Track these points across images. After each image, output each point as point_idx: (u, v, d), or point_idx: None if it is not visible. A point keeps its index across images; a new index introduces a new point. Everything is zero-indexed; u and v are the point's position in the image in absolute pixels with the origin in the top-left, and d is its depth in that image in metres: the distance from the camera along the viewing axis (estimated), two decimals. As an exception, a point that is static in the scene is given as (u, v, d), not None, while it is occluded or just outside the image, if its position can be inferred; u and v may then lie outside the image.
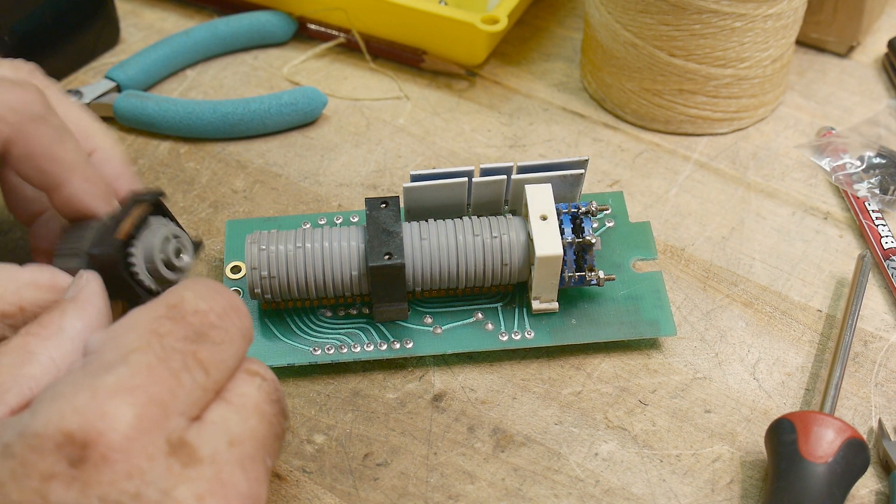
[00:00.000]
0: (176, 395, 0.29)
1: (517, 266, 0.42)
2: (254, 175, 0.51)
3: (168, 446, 0.28)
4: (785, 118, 0.54)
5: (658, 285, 0.44)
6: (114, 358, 0.29)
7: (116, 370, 0.28)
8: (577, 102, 0.55)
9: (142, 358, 0.29)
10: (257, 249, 0.41)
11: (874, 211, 0.48)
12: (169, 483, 0.27)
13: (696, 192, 0.50)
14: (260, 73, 0.57)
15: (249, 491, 0.29)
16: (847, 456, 0.36)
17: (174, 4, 0.61)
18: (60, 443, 0.27)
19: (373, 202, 0.42)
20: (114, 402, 0.27)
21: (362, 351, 0.42)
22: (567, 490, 0.38)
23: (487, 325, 0.43)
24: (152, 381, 0.28)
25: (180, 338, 0.30)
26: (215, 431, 0.29)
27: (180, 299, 0.31)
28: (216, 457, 0.29)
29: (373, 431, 0.40)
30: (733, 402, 0.41)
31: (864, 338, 0.43)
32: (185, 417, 0.29)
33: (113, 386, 0.28)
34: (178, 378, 0.29)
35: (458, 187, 0.42)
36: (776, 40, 0.50)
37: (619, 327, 0.42)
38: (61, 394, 0.28)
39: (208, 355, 0.30)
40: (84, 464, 0.27)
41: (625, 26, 0.50)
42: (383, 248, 0.40)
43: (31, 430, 0.27)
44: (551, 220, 0.41)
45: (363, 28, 0.57)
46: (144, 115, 0.52)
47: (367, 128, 0.54)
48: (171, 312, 0.30)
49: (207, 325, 0.31)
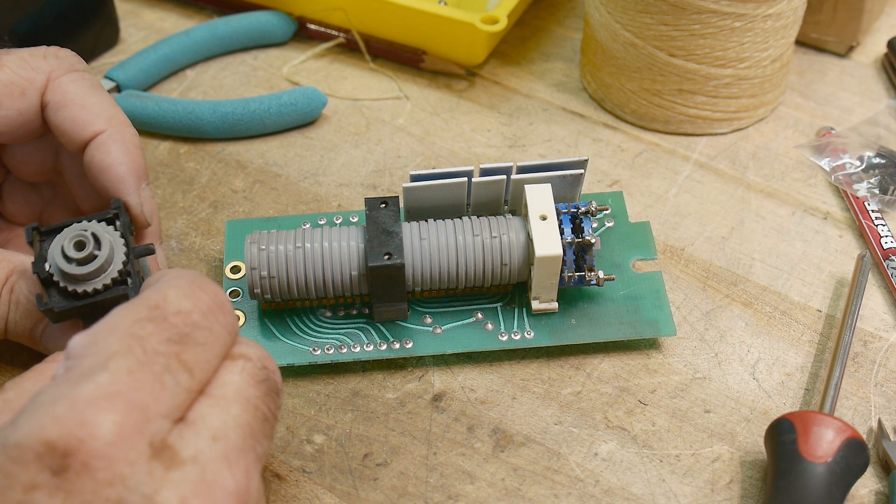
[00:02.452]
0: (158, 398, 0.28)
1: (517, 266, 0.42)
2: (254, 175, 0.51)
3: (151, 450, 0.27)
4: (785, 118, 0.54)
5: (658, 285, 0.44)
6: (94, 364, 0.28)
7: (96, 377, 0.28)
8: (577, 102, 0.55)
9: (122, 363, 0.28)
10: (257, 249, 0.41)
11: (874, 211, 0.48)
12: (152, 487, 0.27)
13: (695, 192, 0.50)
14: (260, 73, 0.57)
15: (236, 486, 0.28)
16: (847, 456, 0.36)
17: (174, 4, 0.61)
18: (41, 453, 0.26)
19: (372, 202, 0.42)
20: (93, 410, 0.27)
21: (362, 351, 0.42)
22: (567, 490, 0.38)
23: (487, 325, 0.43)
24: (133, 386, 0.28)
25: (162, 340, 0.29)
26: (198, 430, 0.29)
27: (163, 298, 0.30)
28: (199, 456, 0.28)
29: (372, 431, 0.40)
30: (733, 402, 0.41)
31: (863, 338, 0.43)
32: (168, 420, 0.28)
33: (92, 394, 0.27)
34: (161, 381, 0.28)
35: (458, 187, 0.42)
36: (776, 40, 0.50)
37: (618, 327, 0.42)
38: (42, 404, 0.27)
39: (192, 356, 0.30)
40: (66, 472, 0.26)
41: (624, 26, 0.50)
42: (383, 248, 0.40)
43: (13, 440, 0.27)
44: (551, 220, 0.41)
45: (363, 28, 0.57)
46: (144, 115, 0.52)
47: (367, 128, 0.54)
48: (153, 313, 0.30)
49: (191, 325, 0.30)
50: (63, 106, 0.38)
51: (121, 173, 0.38)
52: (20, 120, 0.39)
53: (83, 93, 0.39)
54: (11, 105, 0.38)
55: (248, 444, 0.30)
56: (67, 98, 0.38)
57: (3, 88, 0.38)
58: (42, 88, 0.39)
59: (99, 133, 0.38)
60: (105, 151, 0.38)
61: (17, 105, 0.38)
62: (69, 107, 0.38)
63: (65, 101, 0.38)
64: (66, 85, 0.39)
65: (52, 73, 0.39)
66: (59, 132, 0.39)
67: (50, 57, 0.39)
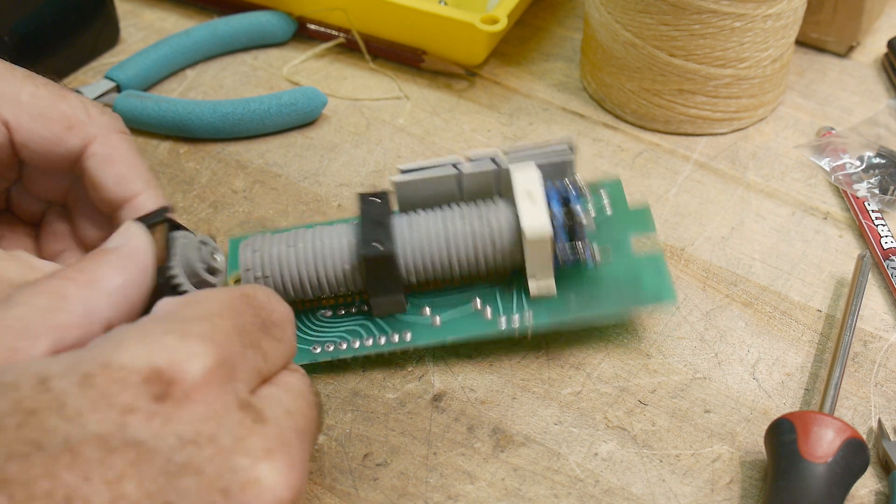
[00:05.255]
0: (242, 365, 0.29)
1: (507, 248, 0.41)
2: (253, 175, 0.51)
3: (238, 402, 0.28)
4: (785, 118, 0.54)
5: (658, 262, 0.43)
6: (196, 315, 0.29)
7: (200, 323, 0.29)
8: (577, 102, 0.55)
9: (221, 322, 0.29)
10: (251, 252, 0.41)
11: (874, 211, 0.48)
12: (241, 432, 0.28)
13: (695, 192, 0.50)
14: (260, 73, 0.57)
15: (303, 462, 0.29)
16: (847, 456, 0.36)
17: (174, 4, 0.61)
18: (147, 377, 0.27)
19: (365, 197, 0.42)
20: (200, 347, 0.28)
21: (362, 346, 0.42)
22: (567, 490, 0.38)
23: (486, 312, 0.42)
24: (228, 344, 0.29)
25: (253, 322, 0.31)
26: (272, 402, 0.30)
27: (252, 291, 0.32)
28: (279, 421, 0.29)
29: (372, 431, 0.40)
30: (733, 402, 0.41)
31: (863, 338, 0.43)
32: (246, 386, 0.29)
33: (199, 333, 0.28)
34: (245, 352, 0.30)
35: (447, 178, 0.42)
36: (776, 40, 0.50)
37: (618, 300, 0.42)
38: (149, 331, 0.28)
39: (269, 346, 0.31)
40: (167, 400, 0.27)
41: (624, 26, 0.50)
42: (372, 237, 0.40)
43: (118, 361, 0.27)
44: (538, 200, 0.41)
45: (363, 28, 0.57)
46: (144, 115, 0.52)
47: (367, 128, 0.54)
48: (246, 299, 0.31)
49: (272, 322, 0.32)
50: (110, 161, 0.40)
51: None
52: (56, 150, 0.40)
53: (130, 154, 0.41)
54: (56, 132, 0.40)
55: (309, 435, 0.31)
56: (116, 154, 0.40)
57: (57, 115, 0.40)
58: (88, 137, 0.40)
59: (137, 195, 0.40)
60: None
61: (60, 134, 0.40)
62: (115, 164, 0.40)
63: (113, 156, 0.40)
64: (117, 142, 0.40)
65: (105, 127, 0.40)
66: (96, 184, 0.40)
67: (106, 114, 0.41)
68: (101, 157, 0.40)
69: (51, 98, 0.40)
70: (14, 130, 0.39)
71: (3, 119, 0.39)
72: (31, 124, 0.39)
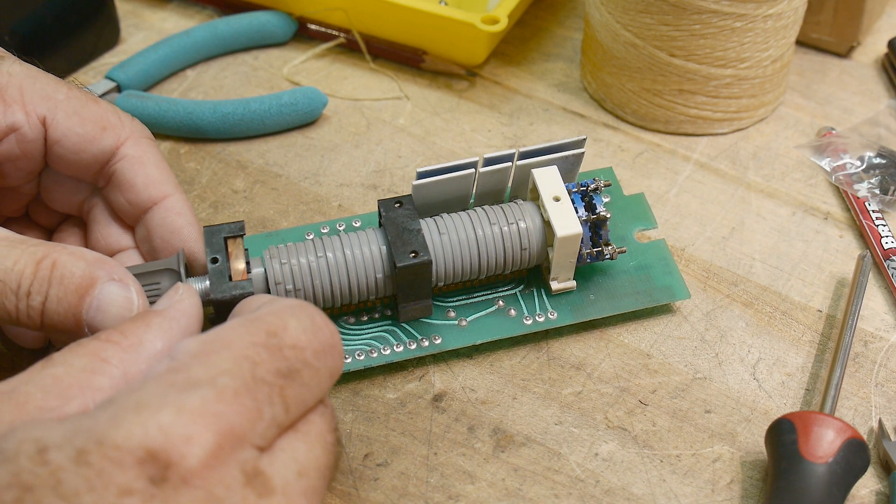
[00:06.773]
0: (254, 427, 0.28)
1: (536, 250, 0.42)
2: (254, 175, 0.51)
3: (244, 476, 0.27)
4: (785, 118, 0.54)
5: (664, 253, 0.45)
6: (202, 376, 0.28)
7: (203, 390, 0.28)
8: (577, 102, 0.55)
9: (230, 382, 0.28)
10: (279, 264, 0.40)
11: (874, 211, 0.48)
12: None
13: (696, 193, 0.50)
14: (260, 73, 0.57)
15: None
16: (847, 456, 0.36)
17: (174, 4, 0.61)
18: (142, 459, 0.26)
19: (387, 203, 0.42)
20: (199, 426, 0.27)
21: (392, 353, 0.42)
22: (567, 490, 0.38)
23: (510, 311, 0.43)
24: (236, 409, 0.28)
25: (272, 370, 0.29)
26: (286, 461, 0.29)
27: (283, 326, 0.30)
28: (287, 488, 0.28)
29: (373, 431, 0.40)
30: (733, 402, 0.41)
31: (864, 338, 0.43)
32: (257, 448, 0.28)
33: (199, 407, 0.27)
34: (260, 410, 0.28)
35: (465, 180, 0.43)
36: (776, 40, 0.50)
37: (635, 297, 0.43)
38: (146, 405, 0.27)
39: (293, 393, 0.30)
40: (164, 484, 0.26)
41: (625, 26, 0.50)
42: (407, 247, 0.40)
43: (112, 440, 0.26)
44: (564, 200, 0.41)
45: (363, 28, 0.57)
46: (144, 116, 0.52)
47: (368, 128, 0.54)
48: (270, 340, 0.30)
49: (301, 362, 0.30)
50: (141, 163, 0.41)
51: (193, 234, 0.41)
52: (89, 149, 0.40)
53: (158, 158, 0.42)
54: (90, 131, 0.40)
55: (322, 487, 0.30)
56: (147, 157, 0.41)
57: (92, 115, 0.40)
58: (120, 138, 0.41)
59: (168, 196, 0.41)
60: (177, 213, 0.41)
61: (95, 133, 0.40)
62: (146, 165, 0.41)
63: (144, 159, 0.41)
64: (146, 146, 0.41)
65: (134, 133, 0.41)
66: (126, 185, 0.41)
67: (135, 120, 0.42)
68: (133, 158, 0.41)
69: (85, 100, 0.41)
70: (50, 126, 0.39)
71: (40, 115, 0.39)
72: (67, 121, 0.40)
